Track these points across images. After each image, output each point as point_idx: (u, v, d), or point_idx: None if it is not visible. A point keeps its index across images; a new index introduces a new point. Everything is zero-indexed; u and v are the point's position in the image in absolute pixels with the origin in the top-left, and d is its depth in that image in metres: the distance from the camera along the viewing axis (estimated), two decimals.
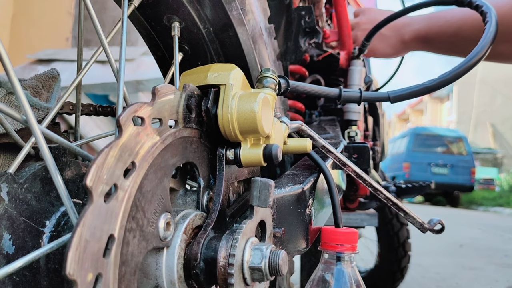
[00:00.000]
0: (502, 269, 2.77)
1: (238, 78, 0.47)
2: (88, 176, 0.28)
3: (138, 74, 2.38)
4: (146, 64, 2.51)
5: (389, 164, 11.71)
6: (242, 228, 0.43)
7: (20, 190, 0.38)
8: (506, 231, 5.17)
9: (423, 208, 9.67)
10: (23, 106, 0.34)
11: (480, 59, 0.67)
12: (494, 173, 16.07)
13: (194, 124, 0.45)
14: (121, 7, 0.47)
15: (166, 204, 0.39)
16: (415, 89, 0.68)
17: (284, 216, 0.54)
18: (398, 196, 1.36)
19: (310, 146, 0.59)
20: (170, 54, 0.65)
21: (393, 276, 1.93)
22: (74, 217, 0.34)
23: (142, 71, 2.43)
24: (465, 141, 11.48)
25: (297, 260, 1.60)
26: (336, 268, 0.55)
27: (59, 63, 2.54)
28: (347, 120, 1.12)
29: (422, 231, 0.67)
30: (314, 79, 1.23)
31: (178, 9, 0.57)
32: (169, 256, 0.39)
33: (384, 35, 1.15)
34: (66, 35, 3.86)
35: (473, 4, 0.78)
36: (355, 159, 0.88)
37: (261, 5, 0.70)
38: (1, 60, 0.34)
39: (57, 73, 0.57)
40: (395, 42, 1.15)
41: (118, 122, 0.33)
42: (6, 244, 0.36)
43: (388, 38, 1.15)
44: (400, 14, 1.06)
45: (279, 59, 0.78)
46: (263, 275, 0.42)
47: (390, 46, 1.16)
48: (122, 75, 0.44)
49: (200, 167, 0.47)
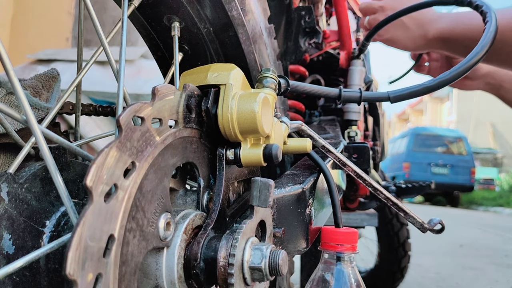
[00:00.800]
0: (502, 269, 2.77)
1: (238, 78, 0.47)
2: (88, 176, 0.28)
3: (138, 83, 2.35)
4: (146, 69, 2.49)
5: (389, 164, 11.71)
6: (242, 228, 0.43)
7: (20, 190, 0.38)
8: (506, 231, 5.17)
9: (423, 208, 9.66)
10: (23, 106, 0.34)
11: (479, 59, 0.67)
12: (494, 173, 16.07)
13: (194, 124, 0.45)
14: (121, 7, 0.47)
15: (166, 204, 0.39)
16: (415, 89, 0.68)
17: (284, 216, 0.54)
18: (398, 196, 1.36)
19: (310, 146, 0.59)
20: (170, 54, 0.65)
21: (393, 276, 1.93)
22: (74, 217, 0.34)
23: (143, 78, 2.40)
24: (465, 141, 11.47)
25: (297, 260, 1.60)
26: (336, 268, 0.55)
27: (59, 63, 2.54)
28: (347, 120, 1.12)
29: (422, 231, 0.67)
30: (314, 79, 1.23)
31: (178, 9, 0.57)
32: (169, 256, 0.39)
33: (407, 27, 1.11)
34: (66, 35, 3.86)
35: (473, 4, 0.78)
36: (355, 159, 0.88)
37: (261, 5, 0.70)
38: (1, 60, 0.34)
39: (57, 73, 0.57)
40: (418, 37, 1.11)
41: (118, 122, 0.33)
42: (6, 244, 0.36)
43: (411, 31, 1.10)
44: (400, 14, 1.06)
45: (279, 59, 0.78)
46: (263, 275, 0.42)
47: (412, 40, 1.12)
48: (122, 75, 0.44)
49: (200, 167, 0.47)
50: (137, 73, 2.46)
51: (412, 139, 11.27)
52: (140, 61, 2.58)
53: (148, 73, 2.44)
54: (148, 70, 2.47)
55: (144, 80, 2.40)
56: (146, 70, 2.49)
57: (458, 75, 0.66)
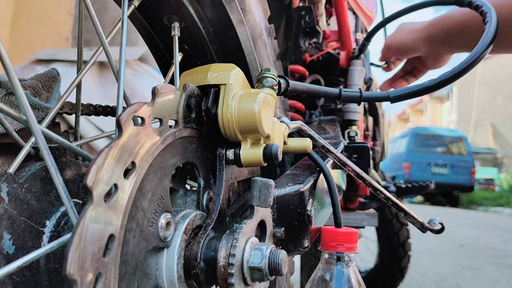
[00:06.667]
0: (502, 269, 2.77)
1: (238, 78, 0.47)
2: (88, 176, 0.28)
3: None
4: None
5: (389, 164, 11.71)
6: (242, 228, 0.43)
7: (20, 190, 0.38)
8: (506, 231, 5.17)
9: (423, 208, 9.66)
10: (23, 106, 0.34)
11: (479, 59, 0.67)
12: (494, 173, 16.06)
13: (194, 124, 0.45)
14: (121, 7, 0.47)
15: (166, 204, 0.39)
16: (415, 89, 0.68)
17: (284, 216, 0.54)
18: (398, 196, 1.36)
19: (310, 146, 0.59)
20: (170, 54, 0.65)
21: (393, 276, 1.93)
22: (74, 217, 0.34)
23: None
24: (465, 141, 11.47)
25: (297, 260, 1.60)
26: (336, 268, 0.55)
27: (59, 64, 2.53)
28: (347, 120, 1.12)
29: (422, 231, 0.67)
30: (314, 79, 1.23)
31: (178, 9, 0.57)
32: (169, 256, 0.39)
33: (434, 53, 1.14)
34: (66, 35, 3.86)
35: (473, 4, 0.78)
36: (355, 159, 0.88)
37: (261, 5, 0.70)
38: (1, 60, 0.34)
39: (57, 73, 0.57)
40: (438, 55, 1.14)
41: (118, 122, 0.33)
42: (6, 244, 0.36)
43: (434, 54, 1.14)
44: (400, 14, 1.06)
45: (279, 59, 0.78)
46: (263, 275, 0.42)
47: (435, 60, 1.15)
48: (122, 75, 0.44)
49: (200, 167, 0.47)
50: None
51: (412, 139, 11.27)
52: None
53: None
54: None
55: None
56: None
57: (458, 75, 0.66)
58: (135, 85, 2.69)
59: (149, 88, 2.31)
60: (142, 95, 2.57)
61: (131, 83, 2.66)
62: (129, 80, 2.67)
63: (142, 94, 2.59)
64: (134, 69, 2.90)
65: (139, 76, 2.84)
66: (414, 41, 1.08)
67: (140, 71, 2.91)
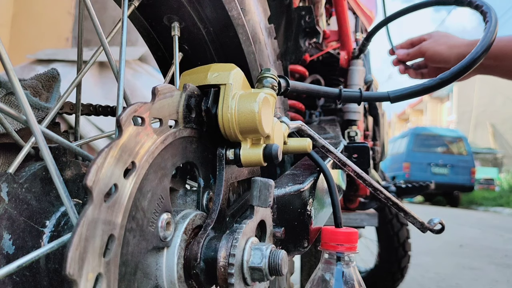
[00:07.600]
0: (502, 269, 2.77)
1: (238, 78, 0.47)
2: (88, 176, 0.28)
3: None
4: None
5: (389, 164, 11.71)
6: (242, 228, 0.43)
7: (20, 190, 0.38)
8: (506, 231, 5.17)
9: (423, 208, 9.66)
10: (23, 106, 0.34)
11: (479, 59, 0.67)
12: (494, 173, 16.06)
13: (194, 124, 0.45)
14: (121, 7, 0.47)
15: (166, 204, 0.39)
16: (415, 89, 0.68)
17: (284, 216, 0.54)
18: (398, 196, 1.36)
19: (310, 146, 0.59)
20: (170, 54, 0.65)
21: (393, 276, 1.93)
22: (74, 217, 0.34)
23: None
24: (465, 141, 11.47)
25: (297, 260, 1.60)
26: (336, 268, 0.55)
27: (59, 64, 2.53)
28: (347, 120, 1.12)
29: (422, 231, 0.67)
30: (314, 79, 1.23)
31: (178, 9, 0.57)
32: (169, 256, 0.39)
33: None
34: (66, 35, 3.86)
35: (473, 4, 0.78)
36: (355, 159, 0.88)
37: (261, 5, 0.70)
38: (1, 60, 0.34)
39: (57, 73, 0.57)
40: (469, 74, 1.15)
41: (118, 122, 0.32)
42: (6, 244, 0.36)
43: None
44: (400, 14, 1.06)
45: (279, 59, 0.78)
46: (263, 275, 0.42)
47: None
48: (122, 75, 0.44)
49: (200, 167, 0.47)
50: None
51: (412, 139, 11.27)
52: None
53: None
54: None
55: None
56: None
57: (458, 75, 0.66)
58: (135, 85, 2.68)
59: (149, 88, 2.31)
60: (142, 95, 2.57)
61: (131, 83, 2.66)
62: (129, 80, 2.67)
63: (142, 94, 2.59)
64: (134, 69, 2.90)
65: (139, 76, 2.84)
66: (453, 57, 1.09)
67: (140, 71, 2.91)
